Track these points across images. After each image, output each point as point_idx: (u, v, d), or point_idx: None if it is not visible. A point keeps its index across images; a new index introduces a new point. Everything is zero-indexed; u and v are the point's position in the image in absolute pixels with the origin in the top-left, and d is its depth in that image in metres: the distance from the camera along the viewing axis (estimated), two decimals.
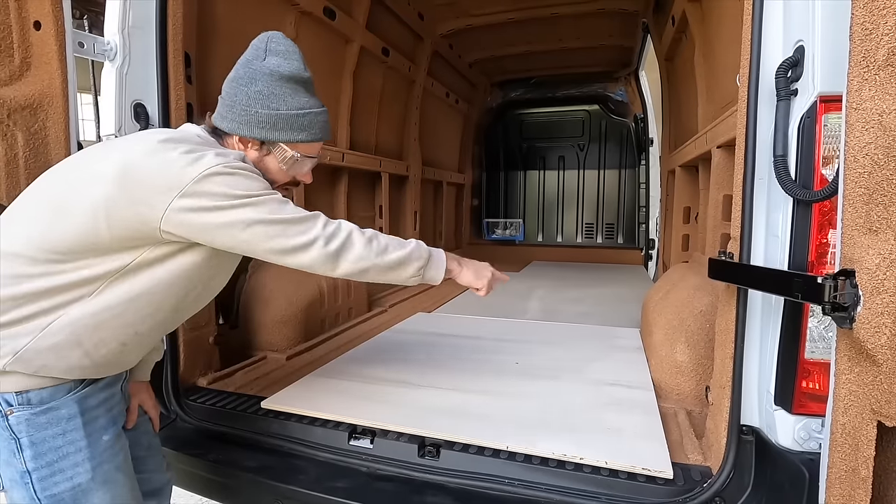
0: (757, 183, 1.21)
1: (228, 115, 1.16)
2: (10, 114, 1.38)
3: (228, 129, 1.17)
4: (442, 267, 1.31)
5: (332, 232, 1.13)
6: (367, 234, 1.18)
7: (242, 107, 1.14)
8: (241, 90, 1.15)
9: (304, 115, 1.19)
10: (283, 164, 1.22)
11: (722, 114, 2.05)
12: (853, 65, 0.82)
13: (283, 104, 1.15)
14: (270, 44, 1.18)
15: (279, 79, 1.15)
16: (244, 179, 1.05)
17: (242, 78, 1.16)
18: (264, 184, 1.10)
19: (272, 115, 1.15)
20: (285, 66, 1.16)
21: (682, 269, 2.45)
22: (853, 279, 0.82)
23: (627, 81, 5.48)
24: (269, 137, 1.17)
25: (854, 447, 0.85)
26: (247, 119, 1.15)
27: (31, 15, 1.42)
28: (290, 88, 1.16)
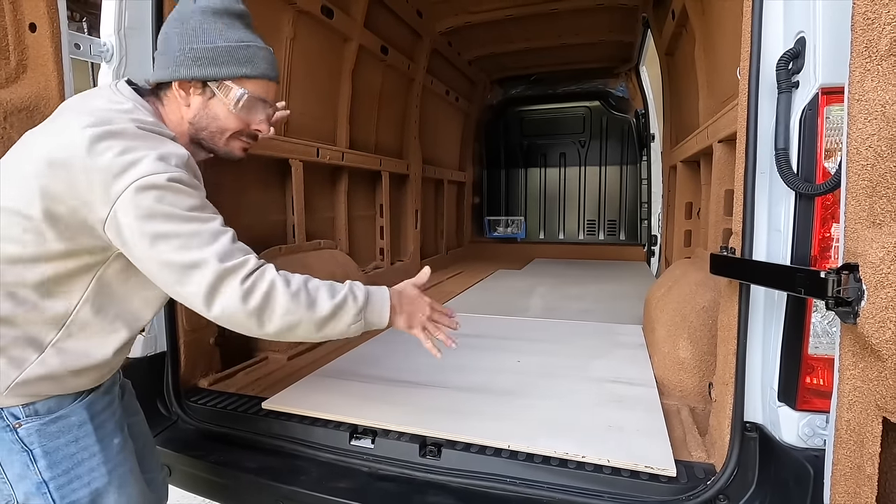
0: (758, 177, 1.19)
1: (163, 63, 1.07)
2: (6, 116, 1.37)
3: (166, 77, 1.07)
4: (386, 308, 1.15)
5: (254, 282, 0.98)
6: (294, 284, 1.03)
7: (176, 50, 1.05)
8: (173, 33, 1.07)
9: (245, 47, 1.09)
10: (232, 106, 1.10)
11: (723, 108, 2.03)
12: (855, 55, 0.81)
13: (220, 37, 1.06)
14: None
15: (212, 14, 1.07)
16: (181, 196, 0.95)
17: (172, 22, 1.08)
18: (202, 201, 1.00)
19: (209, 49, 1.05)
20: (216, 1, 1.07)
21: (684, 265, 2.43)
22: (857, 273, 0.81)
23: (628, 77, 5.46)
24: (210, 74, 1.06)
25: (859, 444, 0.84)
26: (182, 59, 1.05)
27: (27, 17, 1.42)
28: (224, 23, 1.07)
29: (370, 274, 3.60)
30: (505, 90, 6.12)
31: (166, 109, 1.11)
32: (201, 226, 0.96)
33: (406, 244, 4.37)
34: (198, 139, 1.14)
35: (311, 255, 2.85)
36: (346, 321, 1.07)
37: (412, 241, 4.38)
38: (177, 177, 0.95)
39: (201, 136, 1.14)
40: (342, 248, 3.34)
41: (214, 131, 1.13)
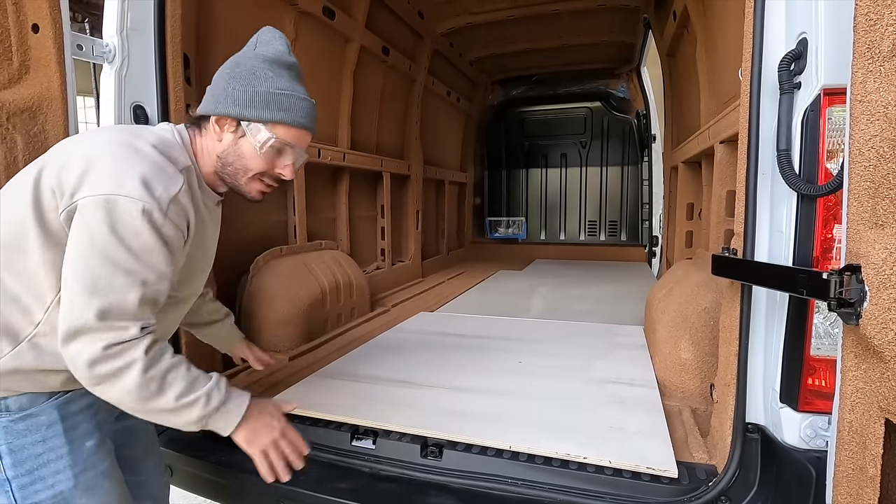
0: (760, 178, 1.19)
1: (207, 98, 1.14)
2: (9, 117, 1.38)
3: (204, 110, 1.14)
4: (235, 420, 1.08)
5: (112, 354, 0.93)
6: (153, 371, 0.96)
7: (221, 87, 1.12)
8: (223, 73, 1.14)
9: (286, 95, 1.13)
10: (259, 148, 1.12)
11: (724, 109, 2.03)
12: (857, 56, 0.80)
13: (263, 84, 1.11)
14: (260, 35, 1.18)
15: (262, 61, 1.13)
16: (145, 240, 0.95)
17: (229, 64, 1.15)
18: (163, 257, 0.98)
19: (249, 92, 1.10)
20: (268, 50, 1.14)
21: (685, 266, 2.43)
22: (859, 274, 0.80)
23: (629, 78, 5.46)
24: (245, 115, 1.10)
25: (861, 445, 0.84)
26: (223, 96, 1.11)
27: (30, 18, 1.42)
28: (273, 71, 1.13)
29: (371, 274, 3.60)
30: (506, 91, 6.12)
31: (203, 140, 1.17)
32: (114, 274, 0.94)
33: (407, 245, 4.37)
34: (222, 174, 1.18)
35: (312, 255, 2.85)
36: (183, 420, 1.02)
37: (413, 242, 4.39)
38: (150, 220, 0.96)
39: (226, 171, 1.17)
40: (343, 248, 3.34)
41: (238, 169, 1.16)
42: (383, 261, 3.92)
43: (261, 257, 2.49)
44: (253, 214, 2.63)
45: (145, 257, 0.96)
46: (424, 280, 4.41)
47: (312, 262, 2.77)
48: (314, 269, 2.74)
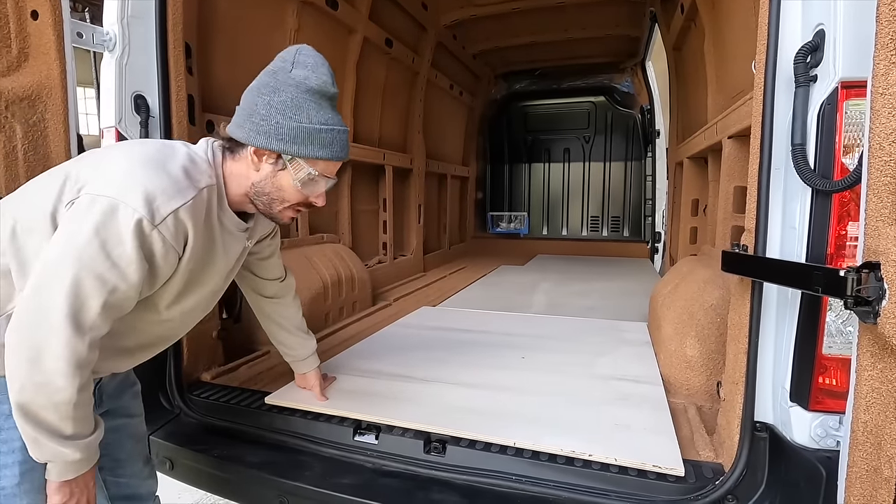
0: (773, 173, 1.17)
1: (246, 125, 1.09)
2: (7, 105, 1.36)
3: (244, 139, 1.09)
4: (67, 473, 0.98)
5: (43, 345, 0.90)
6: (77, 379, 0.92)
7: (262, 116, 1.07)
8: (262, 99, 1.08)
9: (328, 130, 1.11)
10: (298, 182, 1.13)
11: (733, 103, 2.00)
12: (880, 48, 0.78)
13: (307, 117, 1.08)
14: (299, 56, 1.11)
15: (305, 91, 1.08)
16: (125, 250, 0.93)
17: (265, 87, 1.09)
18: (138, 268, 0.96)
19: (294, 128, 1.07)
20: (313, 79, 1.09)
21: (691, 263, 2.41)
22: (878, 272, 0.78)
23: (634, 72, 5.42)
24: (289, 150, 1.08)
25: (876, 446, 0.82)
26: (266, 129, 1.07)
27: (29, 4, 1.40)
28: (315, 102, 1.09)
29: (373, 268, 3.58)
30: (509, 85, 6.09)
31: (235, 165, 1.14)
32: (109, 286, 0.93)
33: (409, 239, 4.36)
34: (256, 200, 1.17)
35: (314, 248, 2.84)
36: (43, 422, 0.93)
37: (415, 236, 4.37)
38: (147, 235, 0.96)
39: (260, 199, 1.16)
40: (345, 242, 3.32)
41: (275, 199, 1.16)
42: (385, 255, 3.90)
43: None
44: None
45: (122, 266, 0.94)
46: (426, 274, 4.39)
47: (314, 255, 2.76)
48: (316, 262, 2.73)
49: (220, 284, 1.26)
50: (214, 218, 1.11)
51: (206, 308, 1.28)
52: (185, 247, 1.04)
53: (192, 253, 1.06)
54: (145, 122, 1.68)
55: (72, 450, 0.96)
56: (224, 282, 1.28)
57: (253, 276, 1.55)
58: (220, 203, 1.12)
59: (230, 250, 1.21)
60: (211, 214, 1.10)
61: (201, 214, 1.05)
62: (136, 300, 1.02)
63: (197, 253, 1.07)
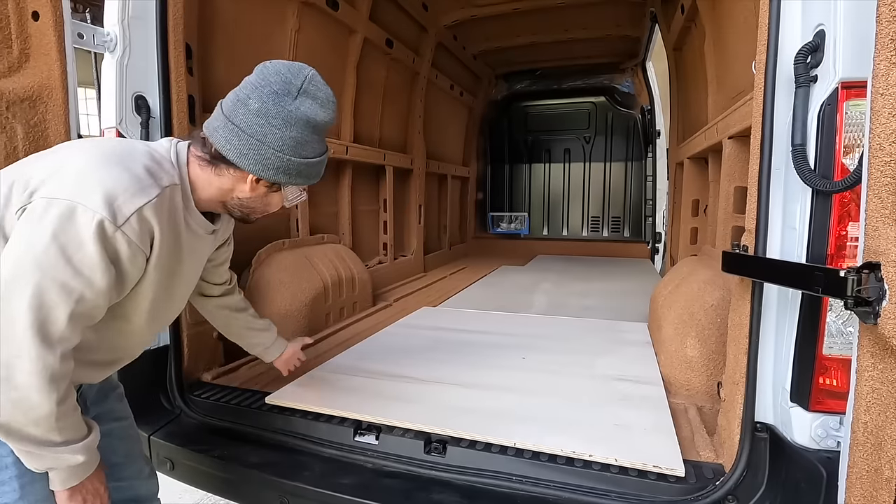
0: (773, 173, 1.17)
1: (252, 154, 1.05)
2: (8, 106, 1.36)
3: (249, 169, 1.06)
4: (71, 480, 0.97)
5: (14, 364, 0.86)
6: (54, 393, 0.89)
7: (274, 151, 1.05)
8: (274, 133, 1.04)
9: (323, 160, 1.16)
10: (288, 202, 1.20)
11: (734, 103, 2.00)
12: (880, 48, 0.78)
13: (311, 151, 1.11)
14: (309, 85, 1.07)
15: (314, 127, 1.09)
16: (88, 254, 0.88)
17: (275, 118, 1.04)
18: (104, 273, 0.91)
19: (303, 164, 1.10)
20: (322, 116, 1.09)
21: (691, 263, 2.41)
22: (878, 272, 0.78)
23: (634, 72, 5.42)
24: (291, 182, 1.13)
25: (877, 447, 0.82)
26: (277, 164, 1.06)
27: (30, 5, 1.40)
28: (318, 136, 1.11)
29: (373, 269, 3.59)
30: (510, 85, 6.08)
31: (217, 178, 1.10)
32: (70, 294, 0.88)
33: (409, 239, 4.36)
34: (235, 208, 1.17)
35: (315, 249, 2.84)
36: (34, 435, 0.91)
37: (415, 237, 4.37)
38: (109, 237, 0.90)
39: (242, 209, 1.17)
40: (345, 242, 3.32)
41: (258, 211, 1.20)
42: (385, 255, 3.90)
43: (263, 251, 2.47)
44: None
45: (86, 272, 0.89)
46: (426, 275, 4.39)
47: (314, 255, 2.76)
48: (316, 262, 2.73)
49: (188, 288, 1.23)
50: (180, 219, 1.07)
51: (176, 312, 1.25)
52: (151, 247, 1.00)
53: (160, 254, 1.02)
54: (146, 123, 1.68)
55: (70, 454, 0.94)
56: (192, 285, 1.25)
57: (202, 282, 1.48)
58: (186, 204, 1.09)
59: (198, 252, 1.19)
60: (176, 215, 1.05)
61: (166, 214, 1.01)
62: (105, 308, 0.97)
63: (164, 255, 1.04)
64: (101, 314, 0.97)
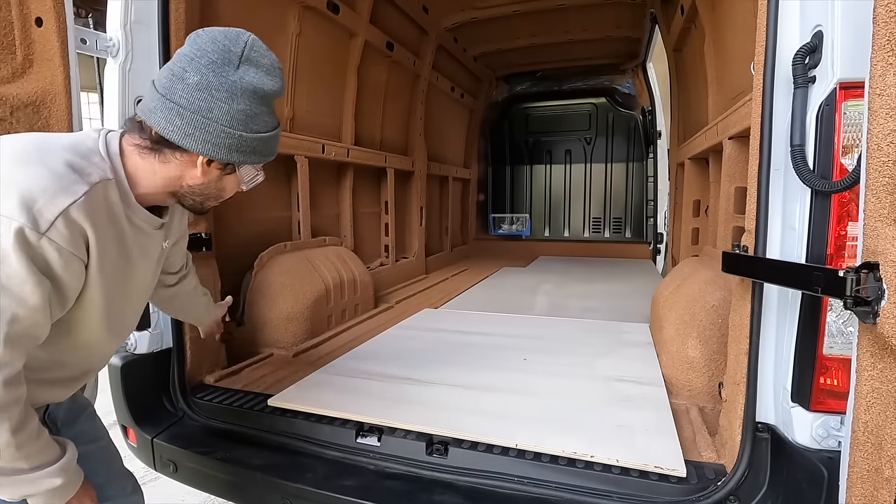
0: (773, 174, 1.17)
1: (199, 133, 0.95)
2: (12, 111, 1.37)
3: (199, 150, 0.96)
4: (40, 501, 0.92)
5: None
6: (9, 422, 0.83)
7: (223, 127, 0.96)
8: (220, 106, 0.94)
9: (276, 135, 1.07)
10: (245, 184, 1.11)
11: (734, 104, 2.01)
12: (877, 49, 0.79)
13: (263, 125, 1.01)
14: (251, 52, 0.98)
15: (262, 98, 0.99)
16: (12, 268, 0.80)
17: (218, 90, 0.94)
18: (36, 287, 0.82)
19: (256, 139, 1.00)
20: (270, 85, 1.00)
21: (692, 263, 2.41)
22: (877, 272, 0.79)
23: (635, 73, 5.42)
24: (246, 161, 1.03)
25: (877, 446, 0.82)
26: (228, 143, 0.97)
27: (33, 11, 1.41)
28: (267, 107, 1.02)
29: (375, 271, 3.59)
30: (511, 87, 6.09)
31: (161, 165, 1.00)
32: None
33: (411, 241, 4.36)
34: (187, 197, 1.07)
35: (316, 251, 2.84)
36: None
37: (417, 239, 4.37)
38: (25, 248, 0.80)
39: (194, 197, 1.07)
40: (347, 244, 3.33)
41: (212, 197, 1.09)
42: (387, 257, 3.91)
43: (265, 253, 2.48)
44: (257, 211, 2.62)
45: (15, 289, 0.81)
46: (428, 276, 4.40)
47: (316, 258, 2.77)
48: (318, 265, 2.74)
49: (145, 290, 1.16)
50: (121, 217, 0.97)
51: (136, 318, 1.18)
52: (88, 252, 0.90)
53: (102, 259, 0.92)
54: None
55: (47, 478, 0.88)
56: (149, 288, 1.18)
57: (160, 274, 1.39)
58: (125, 199, 0.98)
59: (149, 251, 1.10)
60: (115, 213, 0.95)
61: (101, 213, 0.91)
62: (47, 324, 0.88)
63: (109, 259, 0.95)
64: (43, 332, 0.89)
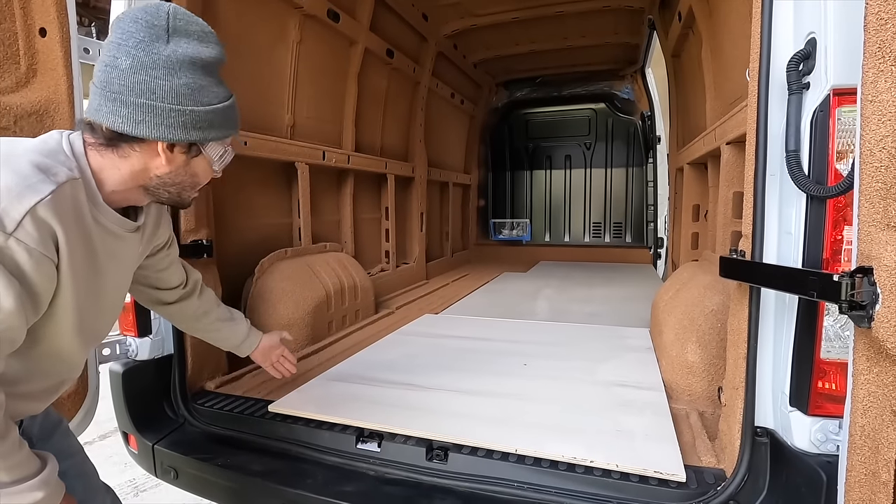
0: (769, 179, 1.18)
1: (148, 119, 0.91)
2: (16, 120, 1.38)
3: (153, 136, 0.93)
4: None
5: None
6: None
7: (170, 106, 0.91)
8: (160, 84, 0.90)
9: (233, 105, 1.02)
10: (216, 164, 1.06)
11: (731, 110, 2.02)
12: (868, 56, 0.80)
13: (215, 97, 0.97)
14: (175, 21, 0.93)
15: (202, 67, 0.94)
16: None
17: (153, 68, 0.90)
18: (6, 290, 0.80)
19: (210, 112, 0.96)
20: (206, 52, 0.95)
21: (692, 268, 2.41)
22: (871, 276, 0.79)
23: (634, 79, 5.45)
24: (207, 137, 0.98)
25: (874, 450, 0.82)
26: (181, 121, 0.93)
27: (37, 22, 1.43)
28: (212, 77, 0.97)
29: (375, 276, 3.60)
30: (510, 92, 6.13)
31: (121, 160, 0.96)
32: None
33: (411, 247, 4.37)
34: (161, 191, 1.03)
35: (317, 257, 2.86)
36: None
37: (417, 244, 4.39)
38: None
39: (167, 189, 1.03)
40: (348, 250, 3.34)
41: (187, 186, 1.06)
42: (387, 263, 3.92)
43: (266, 259, 2.49)
44: (258, 217, 2.64)
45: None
46: (428, 282, 4.40)
47: (317, 264, 2.78)
48: (319, 271, 2.75)
49: (117, 296, 1.13)
50: (87, 218, 0.93)
51: (109, 325, 1.14)
52: (58, 253, 0.87)
53: (71, 260, 0.89)
54: None
55: (28, 492, 0.86)
56: (121, 292, 1.15)
57: (153, 290, 1.37)
58: (92, 200, 0.95)
59: (120, 255, 1.06)
60: (81, 213, 0.92)
61: (69, 213, 0.88)
62: (22, 329, 0.86)
63: (77, 260, 0.92)
64: (19, 337, 0.86)
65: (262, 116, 2.56)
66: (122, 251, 1.06)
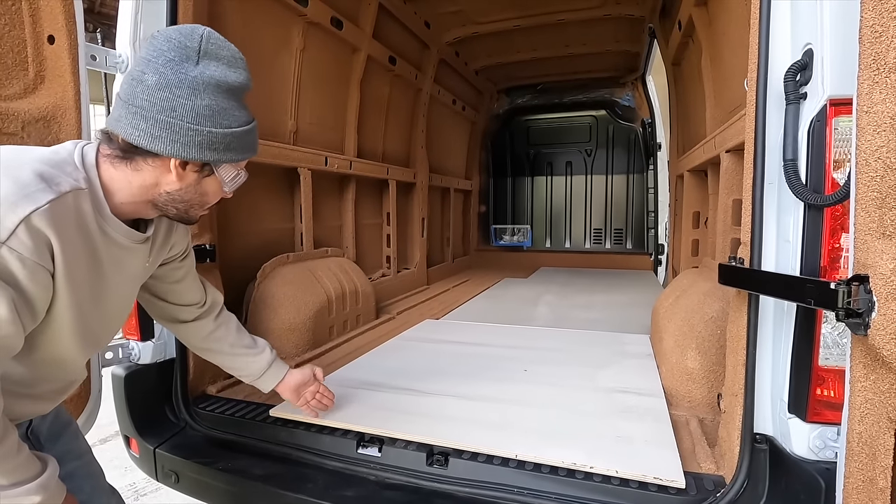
0: (767, 187, 1.20)
1: (165, 135, 0.93)
2: (24, 126, 1.40)
3: (168, 152, 0.94)
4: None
5: None
6: None
7: (188, 125, 0.93)
8: (183, 104, 0.93)
9: (252, 130, 1.04)
10: (227, 186, 1.07)
11: (730, 118, 2.04)
12: (863, 67, 0.81)
13: (235, 120, 0.99)
14: (208, 45, 0.96)
15: (226, 91, 0.97)
16: None
17: (178, 87, 0.92)
18: (4, 304, 0.81)
19: (228, 135, 0.98)
20: (233, 77, 0.98)
21: (692, 275, 2.42)
22: (867, 284, 0.80)
23: (634, 86, 5.48)
24: (221, 159, 1.00)
25: (871, 457, 0.83)
26: (197, 140, 0.95)
27: (46, 29, 1.45)
28: (235, 101, 1.00)
29: (376, 282, 3.61)
30: (511, 99, 6.16)
31: (135, 174, 0.98)
32: None
33: (412, 252, 4.39)
34: (169, 206, 1.04)
35: (318, 262, 2.87)
36: None
37: (418, 250, 4.40)
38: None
39: (176, 206, 1.04)
40: (349, 255, 3.35)
41: (196, 204, 1.07)
42: (389, 268, 3.93)
43: (268, 264, 2.50)
44: (260, 222, 2.65)
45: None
46: (429, 287, 4.41)
47: (318, 269, 2.79)
48: (320, 276, 2.76)
49: (123, 305, 1.13)
50: (92, 227, 0.94)
51: (113, 332, 1.15)
52: (53, 261, 0.87)
53: (68, 270, 0.90)
54: None
55: (25, 495, 0.86)
56: (127, 302, 1.15)
57: (166, 304, 1.34)
58: (99, 210, 0.96)
59: (125, 265, 1.06)
60: (85, 222, 0.93)
61: (68, 222, 0.88)
62: (20, 336, 0.86)
63: (77, 270, 0.92)
64: (17, 344, 0.87)
65: (265, 122, 2.59)
66: (128, 261, 1.07)
